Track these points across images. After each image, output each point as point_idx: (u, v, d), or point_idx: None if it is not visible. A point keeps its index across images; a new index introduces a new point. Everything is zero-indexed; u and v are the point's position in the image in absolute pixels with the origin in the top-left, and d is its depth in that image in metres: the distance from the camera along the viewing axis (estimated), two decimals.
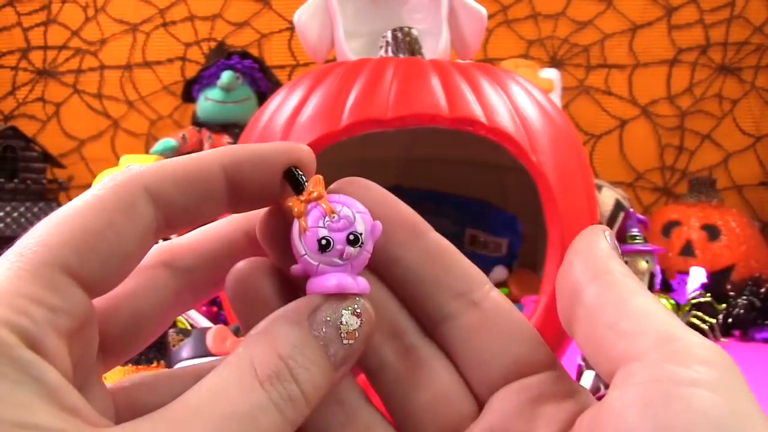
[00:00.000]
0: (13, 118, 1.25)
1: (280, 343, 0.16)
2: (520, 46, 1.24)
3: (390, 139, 0.58)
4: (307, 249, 0.17)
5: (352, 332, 0.17)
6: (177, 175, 0.17)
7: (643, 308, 0.16)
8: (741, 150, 1.24)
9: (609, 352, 0.16)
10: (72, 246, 0.15)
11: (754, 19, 1.22)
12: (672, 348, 0.15)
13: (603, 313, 0.16)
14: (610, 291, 0.17)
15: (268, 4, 1.24)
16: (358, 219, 0.18)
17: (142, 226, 0.16)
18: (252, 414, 0.15)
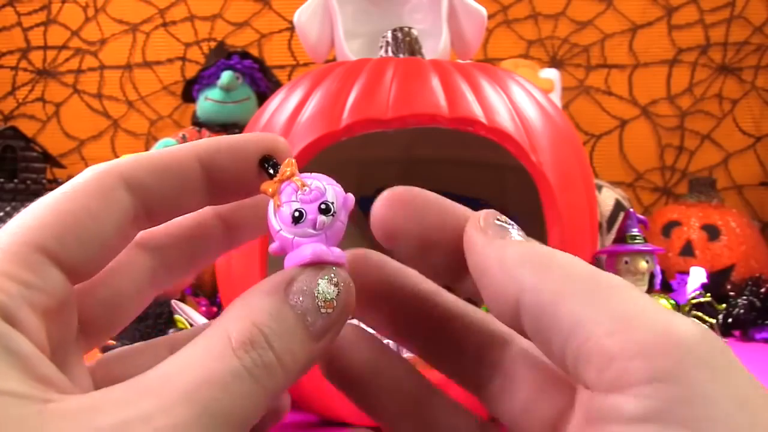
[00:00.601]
0: (13, 118, 1.25)
1: (255, 312, 0.16)
2: (520, 46, 1.24)
3: (390, 139, 0.58)
4: (281, 224, 0.18)
5: (330, 301, 0.17)
6: (153, 165, 0.18)
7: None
8: (741, 150, 1.24)
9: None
10: (48, 227, 0.16)
11: (754, 19, 1.22)
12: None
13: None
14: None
15: (268, 4, 1.24)
16: (329, 190, 0.18)
17: (117, 212, 0.17)
18: (224, 380, 0.15)
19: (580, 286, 0.15)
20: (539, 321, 0.15)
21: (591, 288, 0.15)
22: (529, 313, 0.16)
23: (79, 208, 0.16)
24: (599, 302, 0.14)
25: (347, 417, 0.51)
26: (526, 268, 0.16)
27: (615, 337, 0.13)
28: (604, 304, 0.14)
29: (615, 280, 0.15)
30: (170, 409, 0.14)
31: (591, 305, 0.14)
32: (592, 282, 0.15)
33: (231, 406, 0.15)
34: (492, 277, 0.17)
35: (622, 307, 0.14)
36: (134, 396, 0.14)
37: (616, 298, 0.14)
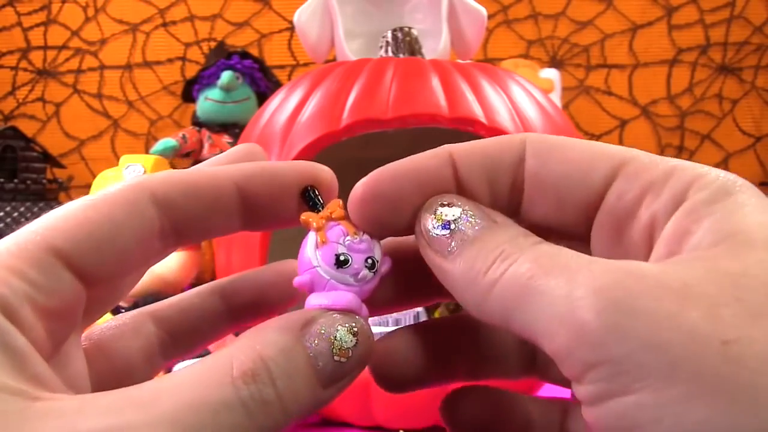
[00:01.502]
0: (13, 118, 1.25)
1: (265, 344, 0.16)
2: (520, 46, 1.24)
3: (390, 139, 0.58)
4: (321, 261, 0.17)
5: (346, 350, 0.16)
6: (186, 184, 0.17)
7: None
8: (741, 150, 1.24)
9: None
10: (65, 231, 0.16)
11: (754, 19, 1.23)
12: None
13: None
14: None
15: (268, 4, 1.24)
16: (377, 246, 0.18)
17: (141, 224, 0.17)
18: (214, 408, 0.14)
19: (523, 294, 0.15)
20: (509, 331, 0.16)
21: (529, 293, 0.15)
22: (498, 325, 0.16)
23: (100, 216, 0.16)
24: (536, 307, 0.14)
25: (347, 417, 0.51)
26: (472, 292, 0.16)
27: (554, 342, 0.14)
28: (540, 307, 0.14)
29: (547, 264, 0.15)
30: (152, 426, 0.13)
31: (536, 312, 0.14)
32: (531, 284, 0.15)
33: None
34: (458, 298, 0.17)
35: (552, 303, 0.14)
36: (121, 406, 0.14)
37: (549, 293, 0.14)
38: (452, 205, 0.17)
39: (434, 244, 0.17)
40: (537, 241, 0.16)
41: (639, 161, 0.17)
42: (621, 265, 0.14)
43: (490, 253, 0.16)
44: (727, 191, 0.15)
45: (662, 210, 0.15)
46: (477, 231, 0.17)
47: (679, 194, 0.15)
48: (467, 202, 0.17)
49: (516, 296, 0.15)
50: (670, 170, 0.16)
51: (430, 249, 0.17)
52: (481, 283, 0.16)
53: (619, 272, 0.14)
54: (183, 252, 0.72)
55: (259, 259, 0.51)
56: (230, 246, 0.55)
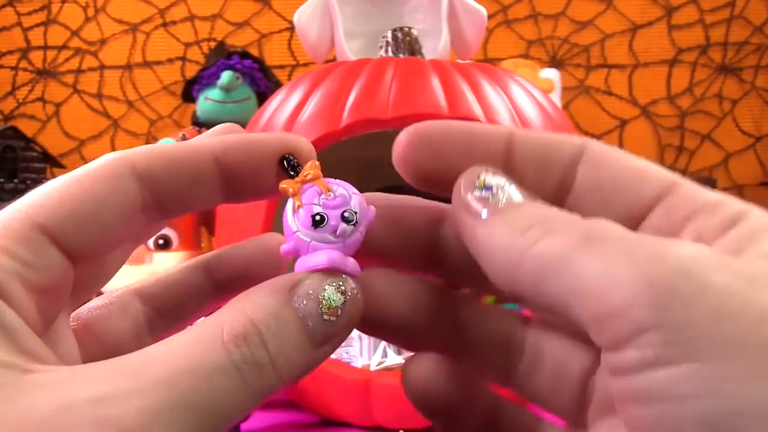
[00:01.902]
0: (13, 118, 1.25)
1: (254, 307, 0.16)
2: (520, 46, 1.23)
3: (390, 139, 0.58)
4: (299, 225, 0.17)
5: (334, 309, 0.16)
6: (166, 157, 0.17)
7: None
8: (741, 150, 1.24)
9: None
10: (49, 208, 0.16)
11: (754, 19, 1.22)
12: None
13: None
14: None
15: (268, 4, 1.24)
16: (354, 199, 0.18)
17: (123, 198, 0.17)
18: (208, 372, 0.14)
19: (568, 252, 0.14)
20: (536, 299, 0.15)
21: (578, 250, 0.14)
22: (525, 292, 0.15)
23: (83, 192, 0.16)
24: (586, 265, 0.14)
25: (347, 417, 0.51)
26: (505, 254, 0.15)
27: (600, 302, 0.13)
28: (591, 266, 0.14)
29: (603, 229, 0.15)
30: (146, 392, 0.13)
31: (578, 269, 0.14)
32: (580, 244, 0.14)
33: (211, 399, 0.14)
34: (484, 262, 0.16)
35: (606, 263, 0.14)
36: (113, 374, 0.14)
37: (604, 254, 0.14)
38: (497, 175, 0.17)
39: (471, 207, 0.16)
40: (578, 218, 0.16)
41: (690, 186, 0.17)
42: (691, 244, 0.14)
43: (531, 217, 0.15)
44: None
45: (712, 229, 0.15)
46: (518, 198, 0.16)
47: (731, 219, 0.15)
48: (512, 179, 0.17)
49: (558, 258, 0.14)
50: (722, 200, 0.16)
51: (466, 212, 0.16)
52: (517, 244, 0.15)
53: (689, 247, 0.14)
54: (183, 252, 0.72)
55: None
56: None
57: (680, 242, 0.14)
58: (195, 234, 0.75)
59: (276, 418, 0.55)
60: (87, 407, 0.13)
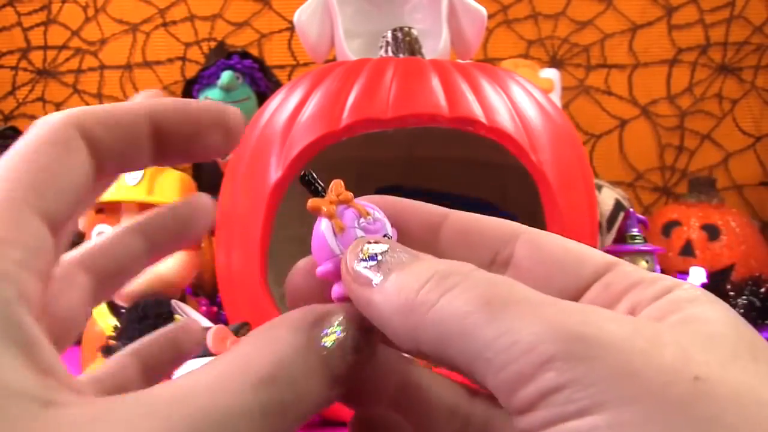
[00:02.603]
0: (13, 118, 1.25)
1: (281, 345, 0.15)
2: (520, 46, 1.24)
3: (390, 139, 0.58)
4: (343, 249, 0.17)
5: (358, 349, 0.16)
6: (104, 116, 0.17)
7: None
8: (741, 150, 1.24)
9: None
10: (29, 183, 0.15)
11: (754, 19, 1.22)
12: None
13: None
14: None
15: (268, 4, 1.24)
16: (387, 221, 0.18)
17: (82, 160, 0.16)
18: (233, 417, 0.14)
19: (469, 316, 0.14)
20: (442, 362, 0.15)
21: (480, 315, 0.14)
22: (430, 355, 0.15)
23: (50, 160, 0.16)
24: (489, 330, 0.14)
25: (347, 417, 0.51)
26: (403, 318, 0.15)
27: (505, 371, 0.13)
28: (493, 332, 0.14)
29: (505, 291, 0.14)
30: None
31: (481, 335, 0.14)
32: (481, 307, 0.14)
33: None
34: (385, 329, 0.16)
35: (509, 330, 0.14)
36: (139, 416, 0.13)
37: (506, 319, 0.14)
38: (380, 242, 0.17)
39: (361, 277, 0.16)
40: (475, 268, 0.15)
41: (629, 266, 0.17)
42: (592, 308, 0.14)
43: (423, 274, 0.15)
44: (708, 298, 0.15)
45: (646, 300, 0.16)
46: (406, 259, 0.16)
47: (664, 291, 0.16)
48: (394, 243, 0.17)
49: (461, 324, 0.14)
50: (658, 277, 0.16)
51: (357, 282, 0.16)
52: (414, 305, 0.15)
53: (590, 312, 0.14)
54: (183, 252, 0.72)
55: (259, 260, 0.51)
56: (230, 246, 0.55)
57: (583, 306, 0.14)
58: None
59: None
60: None
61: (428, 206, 0.20)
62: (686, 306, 0.15)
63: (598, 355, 0.13)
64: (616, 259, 0.17)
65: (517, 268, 0.18)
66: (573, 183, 0.54)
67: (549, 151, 0.52)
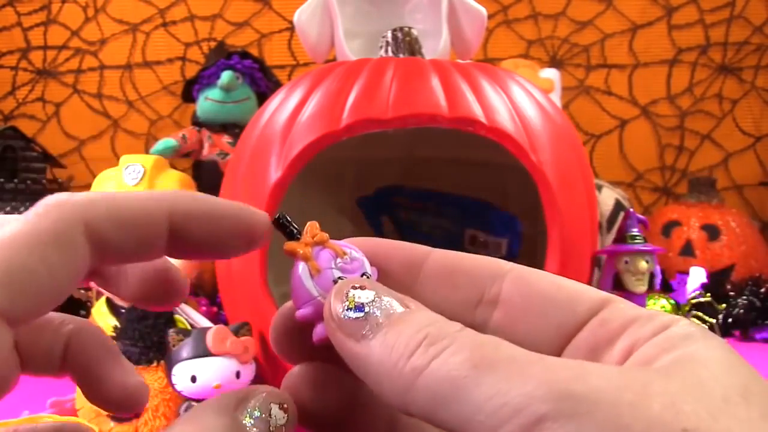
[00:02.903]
0: (13, 118, 1.25)
1: (204, 428, 0.15)
2: (520, 46, 1.24)
3: (390, 139, 0.58)
4: (321, 291, 0.17)
5: (280, 427, 0.16)
6: (119, 216, 0.16)
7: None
8: (741, 150, 1.24)
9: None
10: (3, 285, 0.14)
11: (754, 19, 1.22)
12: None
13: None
14: None
15: (268, 4, 1.24)
16: (365, 260, 0.18)
17: (75, 264, 0.16)
18: None
19: (459, 381, 0.14)
20: (433, 424, 0.15)
21: (469, 378, 0.14)
22: (419, 417, 0.15)
23: (36, 262, 0.15)
24: (478, 394, 0.14)
25: None
26: (393, 379, 0.15)
27: (498, 430, 0.13)
28: (485, 394, 0.14)
29: (494, 351, 0.14)
30: None
31: (471, 398, 0.14)
32: (469, 371, 0.14)
33: None
34: (372, 385, 0.16)
35: (500, 391, 0.14)
36: None
37: (497, 380, 0.14)
38: (365, 289, 0.16)
39: (346, 328, 0.16)
40: (461, 328, 0.15)
41: (624, 302, 0.17)
42: (579, 363, 0.14)
43: (413, 336, 0.15)
44: (703, 335, 0.15)
45: (644, 337, 0.16)
46: (395, 313, 0.16)
47: (661, 328, 0.16)
48: (380, 286, 0.17)
49: (451, 387, 0.14)
50: (655, 313, 0.16)
51: (342, 332, 0.16)
52: (404, 369, 0.15)
53: (576, 368, 0.14)
54: None
55: (259, 260, 0.51)
56: None
57: (569, 362, 0.14)
58: None
59: None
60: None
61: (409, 245, 0.20)
62: (680, 344, 0.15)
63: (587, 411, 0.13)
64: (610, 296, 0.17)
65: (508, 306, 0.18)
66: (573, 183, 0.54)
67: (549, 151, 0.52)
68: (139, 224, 0.17)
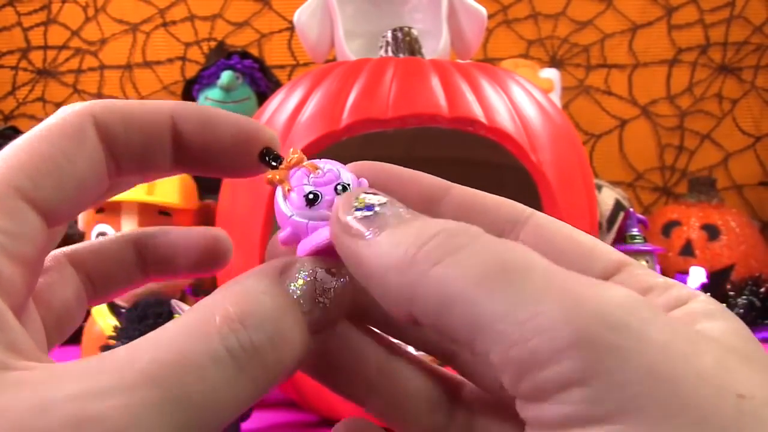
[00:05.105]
0: (13, 118, 1.25)
1: (247, 290, 0.14)
2: (520, 46, 1.24)
3: (390, 139, 0.58)
4: (293, 209, 0.17)
5: (327, 290, 0.15)
6: (125, 111, 0.17)
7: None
8: (741, 150, 1.24)
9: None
10: (25, 170, 0.15)
11: (754, 19, 1.22)
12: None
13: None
14: None
15: (268, 4, 1.24)
16: (344, 171, 0.18)
17: (91, 153, 0.16)
18: (199, 363, 0.13)
19: (480, 280, 0.12)
20: (438, 329, 0.13)
21: (493, 280, 0.12)
22: (424, 320, 0.13)
23: (54, 150, 0.15)
24: (503, 299, 0.12)
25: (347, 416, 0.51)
26: (399, 275, 0.13)
27: (519, 347, 0.12)
28: (507, 305, 0.12)
29: (523, 262, 0.13)
30: (129, 388, 0.12)
31: (492, 303, 0.12)
32: (495, 272, 0.12)
33: (203, 394, 0.12)
34: (375, 288, 0.14)
35: (526, 303, 0.12)
36: (95, 371, 0.12)
37: (523, 291, 0.12)
38: (378, 194, 0.15)
39: (351, 228, 0.14)
40: (485, 232, 0.14)
41: (640, 268, 0.16)
42: (629, 292, 0.12)
43: (426, 230, 0.13)
44: (724, 314, 0.14)
45: (664, 307, 0.14)
46: (406, 215, 0.14)
47: (679, 300, 0.14)
48: (393, 199, 0.15)
49: (465, 287, 0.12)
50: (672, 283, 0.15)
51: (347, 234, 0.14)
52: (415, 261, 0.13)
53: (623, 293, 0.12)
54: None
55: (259, 260, 0.51)
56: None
57: (614, 286, 0.13)
58: None
59: (276, 417, 0.55)
60: (66, 406, 0.12)
61: (429, 177, 0.18)
62: (702, 320, 0.14)
63: (634, 349, 0.11)
64: (628, 259, 0.16)
65: None
66: (573, 183, 0.54)
67: (549, 151, 0.52)
68: (144, 121, 0.17)
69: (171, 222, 0.71)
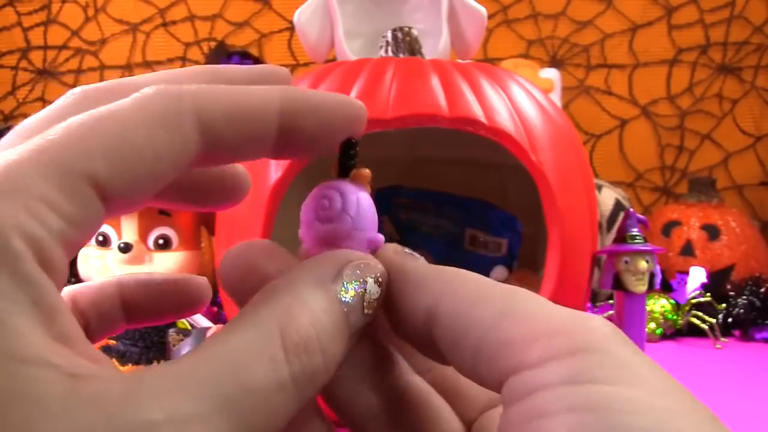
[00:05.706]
0: (13, 118, 1.25)
1: (308, 306, 0.14)
2: (520, 46, 1.24)
3: (390, 139, 0.58)
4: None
5: (373, 302, 0.15)
6: (232, 107, 0.15)
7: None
8: (741, 150, 1.24)
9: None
10: (106, 156, 0.13)
11: (754, 19, 1.23)
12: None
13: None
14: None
15: (268, 4, 1.24)
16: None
17: (181, 150, 0.14)
18: (268, 391, 0.13)
19: (496, 293, 0.15)
20: (454, 325, 0.14)
21: (505, 295, 0.15)
22: (444, 318, 0.15)
23: (143, 140, 0.14)
24: (516, 303, 0.14)
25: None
26: (441, 279, 0.16)
27: (537, 321, 0.14)
28: (520, 305, 0.14)
29: (528, 293, 0.15)
30: (207, 417, 0.12)
31: (509, 305, 0.14)
32: (505, 290, 0.15)
33: (267, 420, 0.13)
34: (408, 290, 0.16)
35: (538, 308, 0.14)
36: (171, 391, 0.12)
37: (531, 303, 0.14)
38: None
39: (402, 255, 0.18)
40: None
41: None
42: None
43: None
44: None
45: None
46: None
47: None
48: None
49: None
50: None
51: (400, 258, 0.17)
52: None
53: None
54: (182, 252, 0.72)
55: None
56: (230, 246, 0.55)
57: None
58: (195, 234, 0.75)
59: None
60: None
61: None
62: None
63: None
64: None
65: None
66: (573, 183, 0.54)
67: (549, 151, 0.52)
68: (252, 118, 0.15)
69: (171, 222, 0.71)
